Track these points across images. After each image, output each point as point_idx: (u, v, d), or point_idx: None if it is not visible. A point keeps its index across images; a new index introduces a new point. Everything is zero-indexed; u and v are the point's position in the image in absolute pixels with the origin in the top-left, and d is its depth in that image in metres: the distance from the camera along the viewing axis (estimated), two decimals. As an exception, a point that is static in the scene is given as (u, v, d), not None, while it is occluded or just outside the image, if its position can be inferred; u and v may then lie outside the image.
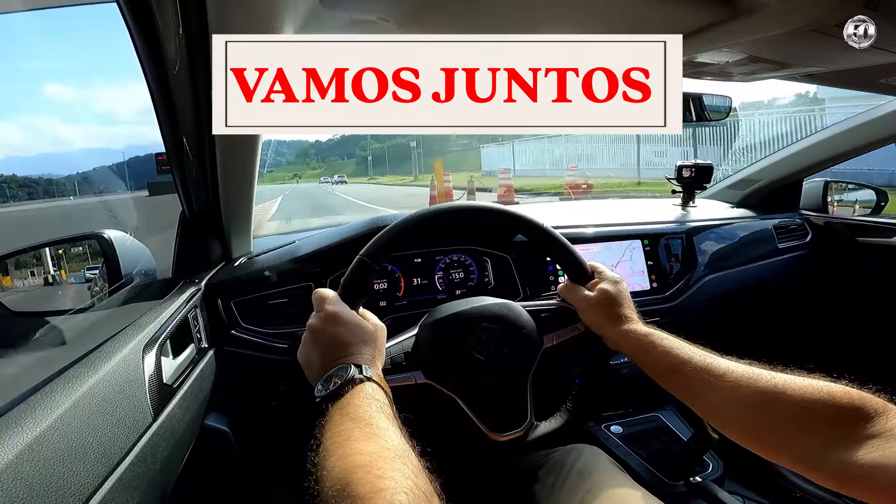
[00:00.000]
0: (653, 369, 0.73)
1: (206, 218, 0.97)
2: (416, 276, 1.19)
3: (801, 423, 0.56)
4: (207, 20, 0.56)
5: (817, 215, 1.68)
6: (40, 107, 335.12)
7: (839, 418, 0.54)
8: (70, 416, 0.50)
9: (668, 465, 1.08)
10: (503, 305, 0.83)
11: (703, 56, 0.82)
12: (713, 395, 0.64)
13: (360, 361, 0.63)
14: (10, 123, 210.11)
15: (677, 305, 1.32)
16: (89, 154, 51.72)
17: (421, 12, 0.67)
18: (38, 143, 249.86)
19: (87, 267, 0.92)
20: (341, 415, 0.54)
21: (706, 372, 0.65)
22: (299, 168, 75.17)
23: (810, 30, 0.66)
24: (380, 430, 0.51)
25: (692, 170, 1.60)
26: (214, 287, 1.00)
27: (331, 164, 72.17)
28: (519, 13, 0.70)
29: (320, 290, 0.71)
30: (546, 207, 1.71)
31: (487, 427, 0.78)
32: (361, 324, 0.69)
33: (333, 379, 0.60)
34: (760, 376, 0.62)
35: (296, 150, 76.73)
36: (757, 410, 0.60)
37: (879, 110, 1.42)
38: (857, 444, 0.51)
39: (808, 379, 0.59)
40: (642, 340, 0.74)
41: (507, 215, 0.86)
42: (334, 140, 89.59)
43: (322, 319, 0.68)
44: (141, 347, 0.68)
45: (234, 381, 1.00)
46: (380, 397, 0.58)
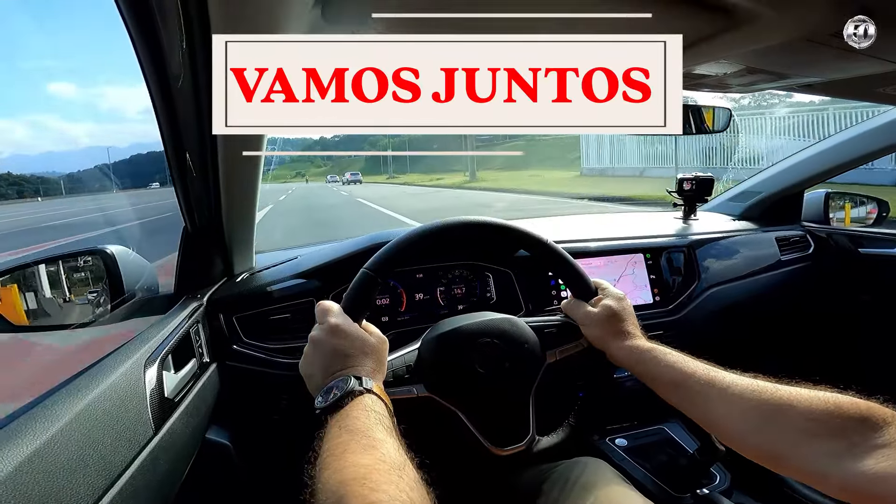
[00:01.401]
0: (656, 384, 0.73)
1: (208, 233, 0.97)
2: (419, 292, 1.19)
3: (808, 434, 0.56)
4: (211, 34, 0.57)
5: (819, 227, 1.68)
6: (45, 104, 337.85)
7: (846, 429, 0.53)
8: (71, 428, 0.50)
9: (674, 477, 1.07)
10: (506, 321, 0.83)
11: (701, 68, 0.82)
12: (717, 408, 0.64)
13: (360, 373, 0.63)
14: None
15: (680, 319, 1.32)
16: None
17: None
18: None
19: (88, 291, 0.92)
20: (339, 427, 0.54)
21: (710, 385, 0.65)
22: (303, 166, 73.91)
23: (807, 40, 0.67)
24: (377, 443, 0.51)
25: (693, 182, 1.61)
26: (216, 302, 1.00)
27: (338, 161, 71.22)
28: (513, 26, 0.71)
29: (324, 303, 0.71)
30: (548, 221, 1.71)
31: (489, 441, 0.78)
32: (364, 336, 0.68)
33: (333, 391, 0.60)
34: (765, 389, 0.61)
35: (299, 147, 76.08)
36: (762, 423, 0.60)
37: (878, 120, 1.43)
38: (866, 455, 0.51)
39: (813, 391, 0.59)
40: (645, 355, 0.74)
41: (511, 231, 0.86)
42: (340, 136, 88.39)
43: (325, 331, 0.68)
44: (143, 362, 0.69)
45: (236, 396, 1.00)
46: (379, 409, 0.58)
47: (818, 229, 1.67)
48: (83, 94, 67.82)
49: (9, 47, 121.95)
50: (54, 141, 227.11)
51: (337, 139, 74.90)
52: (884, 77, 0.89)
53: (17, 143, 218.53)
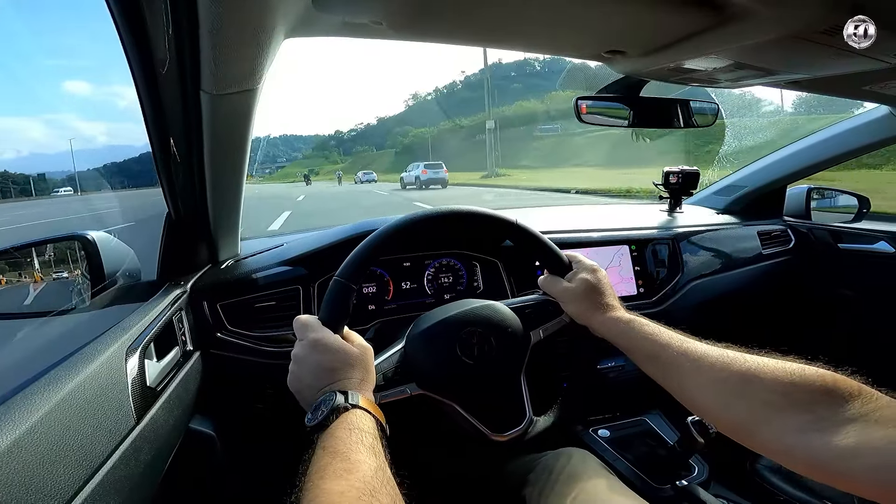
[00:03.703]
0: (635, 355, 0.74)
1: (192, 220, 0.95)
2: (406, 280, 1.19)
3: (774, 407, 0.55)
4: (198, 20, 0.56)
5: (800, 222, 1.71)
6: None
7: (813, 402, 0.53)
8: (50, 418, 0.49)
9: (654, 468, 1.09)
10: (485, 307, 0.83)
11: (691, 62, 0.82)
12: (690, 380, 0.65)
13: (347, 387, 0.62)
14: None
15: (664, 310, 1.33)
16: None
17: (414, 16, 0.67)
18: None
19: (68, 277, 0.90)
20: (322, 448, 0.54)
21: (684, 357, 0.66)
22: (316, 162, 69.29)
23: (796, 37, 0.67)
24: (353, 465, 0.50)
25: (679, 176, 1.62)
26: (200, 290, 0.99)
27: (360, 156, 65.31)
28: (511, 21, 0.71)
29: (301, 318, 0.70)
30: (534, 212, 1.71)
31: (489, 428, 0.78)
32: (346, 348, 0.67)
33: (321, 407, 0.59)
34: (735, 360, 0.61)
35: (312, 144, 72.79)
36: (730, 395, 0.60)
37: (862, 117, 1.45)
38: (832, 430, 0.50)
39: (781, 361, 0.59)
40: (624, 327, 0.75)
41: (479, 216, 0.84)
42: (358, 130, 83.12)
43: (306, 347, 0.67)
44: (124, 350, 0.67)
45: (221, 385, 0.99)
46: (363, 425, 0.57)
47: (799, 224, 1.70)
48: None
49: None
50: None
51: (355, 133, 71.52)
52: (869, 75, 0.90)
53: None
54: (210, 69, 0.62)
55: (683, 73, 0.89)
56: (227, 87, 0.67)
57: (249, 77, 0.67)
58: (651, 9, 0.65)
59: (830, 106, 5.44)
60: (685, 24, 0.69)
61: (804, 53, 0.74)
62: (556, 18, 0.70)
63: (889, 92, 1.08)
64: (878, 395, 0.51)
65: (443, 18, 0.69)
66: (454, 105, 72.18)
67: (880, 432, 0.47)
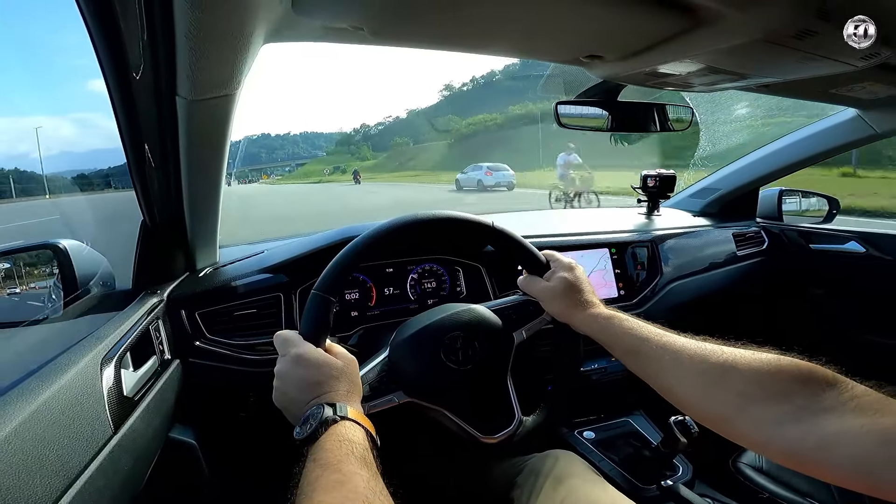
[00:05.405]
0: (616, 350, 0.75)
1: (168, 227, 0.94)
2: (388, 286, 1.18)
3: (751, 398, 0.56)
4: (174, 24, 0.55)
5: (773, 223, 1.75)
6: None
7: (790, 392, 0.53)
8: (24, 429, 0.48)
9: (639, 469, 1.10)
10: (467, 311, 0.83)
11: (666, 66, 0.84)
12: (670, 373, 0.65)
13: (334, 400, 0.61)
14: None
15: (644, 312, 1.35)
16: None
17: (394, 22, 0.68)
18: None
19: (39, 286, 0.88)
20: (313, 461, 0.53)
21: (663, 350, 0.66)
22: (342, 158, 60.09)
23: (767, 41, 0.69)
24: (345, 477, 0.50)
25: (656, 179, 1.65)
26: (177, 298, 0.97)
27: (398, 149, 55.08)
28: (491, 26, 0.71)
29: (282, 333, 0.69)
30: (516, 217, 1.72)
31: (479, 431, 0.78)
32: (329, 361, 0.66)
33: (309, 420, 0.58)
34: (713, 352, 0.62)
35: (334, 141, 65.12)
36: (709, 386, 0.60)
37: (831, 120, 1.49)
38: (810, 419, 0.50)
39: (757, 352, 0.60)
40: (605, 323, 0.76)
41: (458, 221, 0.84)
42: (386, 123, 72.11)
43: (289, 363, 0.66)
44: (99, 360, 0.66)
45: (201, 393, 0.97)
46: (353, 437, 0.56)
47: (772, 225, 1.74)
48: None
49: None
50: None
51: (382, 127, 63.64)
52: (836, 78, 0.92)
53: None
54: (186, 74, 0.61)
55: (659, 77, 0.91)
56: (205, 93, 0.66)
57: (227, 82, 0.66)
58: (627, 13, 0.66)
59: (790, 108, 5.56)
60: (660, 28, 0.71)
61: (774, 57, 0.76)
62: (536, 24, 0.71)
63: (856, 94, 1.12)
64: (854, 384, 0.52)
65: (422, 23, 0.70)
66: (498, 94, 64.47)
67: (858, 421, 0.47)
